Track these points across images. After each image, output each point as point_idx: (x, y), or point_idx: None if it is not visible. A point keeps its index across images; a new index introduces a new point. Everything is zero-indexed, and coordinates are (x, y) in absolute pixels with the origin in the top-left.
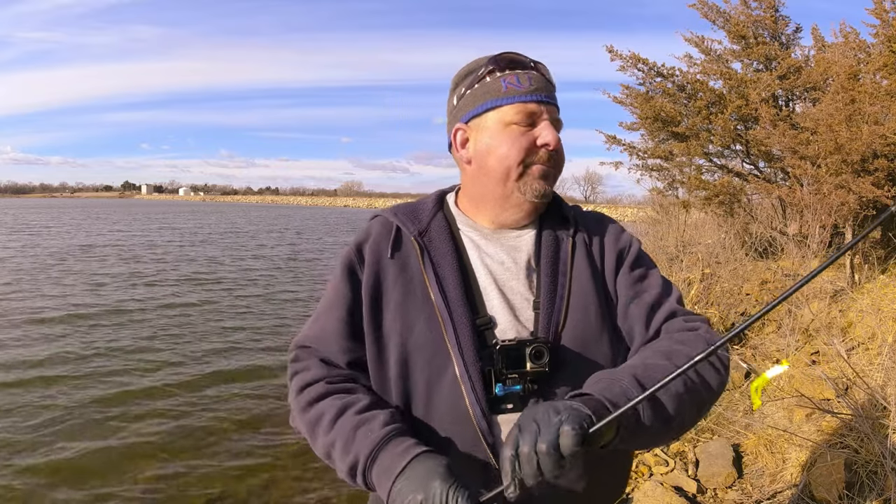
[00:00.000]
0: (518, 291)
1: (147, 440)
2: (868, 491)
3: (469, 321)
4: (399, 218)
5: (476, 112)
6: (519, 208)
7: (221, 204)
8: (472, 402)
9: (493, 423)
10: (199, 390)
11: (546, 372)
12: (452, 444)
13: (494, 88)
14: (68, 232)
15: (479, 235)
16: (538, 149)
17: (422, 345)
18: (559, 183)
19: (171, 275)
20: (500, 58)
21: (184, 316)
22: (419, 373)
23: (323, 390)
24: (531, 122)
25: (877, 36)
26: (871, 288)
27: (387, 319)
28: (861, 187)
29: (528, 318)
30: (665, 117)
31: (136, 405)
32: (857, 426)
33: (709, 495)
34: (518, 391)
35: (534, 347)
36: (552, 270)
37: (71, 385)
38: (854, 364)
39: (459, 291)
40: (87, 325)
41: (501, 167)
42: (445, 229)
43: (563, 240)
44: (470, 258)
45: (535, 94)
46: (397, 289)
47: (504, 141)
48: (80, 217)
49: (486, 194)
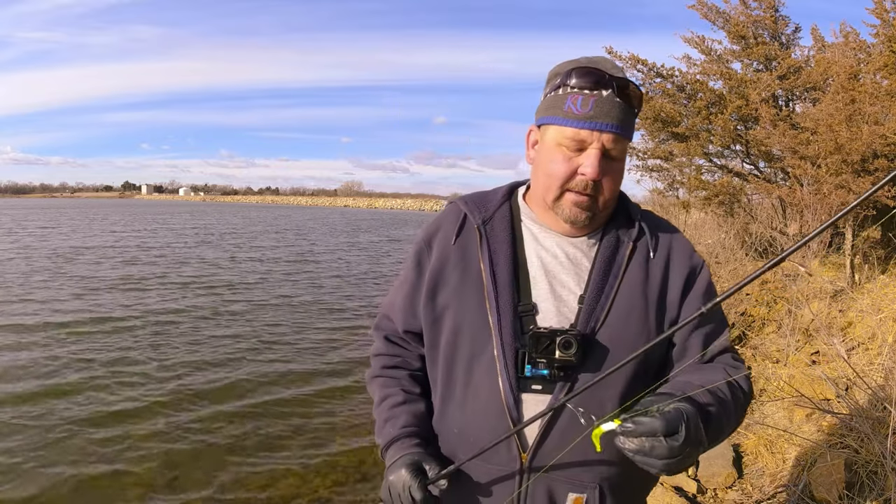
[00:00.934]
0: (566, 284)
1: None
2: (868, 491)
3: (511, 306)
4: (468, 206)
5: (543, 121)
6: (562, 225)
7: (221, 204)
8: (503, 378)
9: (519, 400)
10: (191, 409)
11: (573, 362)
12: (485, 412)
13: (559, 104)
14: (66, 234)
15: (539, 229)
16: (577, 176)
17: (470, 323)
18: None
19: (169, 279)
20: (577, 71)
21: (173, 323)
22: (465, 347)
23: (377, 371)
24: (580, 148)
25: (877, 36)
26: (872, 288)
27: (445, 298)
28: (861, 187)
29: (572, 310)
30: (665, 118)
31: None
32: (858, 426)
33: (709, 495)
34: (545, 375)
35: (564, 337)
36: (605, 269)
37: (63, 399)
38: (854, 364)
39: (508, 278)
40: (69, 333)
41: (545, 183)
42: (507, 219)
43: (624, 243)
44: (526, 248)
45: (591, 122)
46: (456, 272)
47: (552, 160)
48: (79, 218)
49: (539, 198)
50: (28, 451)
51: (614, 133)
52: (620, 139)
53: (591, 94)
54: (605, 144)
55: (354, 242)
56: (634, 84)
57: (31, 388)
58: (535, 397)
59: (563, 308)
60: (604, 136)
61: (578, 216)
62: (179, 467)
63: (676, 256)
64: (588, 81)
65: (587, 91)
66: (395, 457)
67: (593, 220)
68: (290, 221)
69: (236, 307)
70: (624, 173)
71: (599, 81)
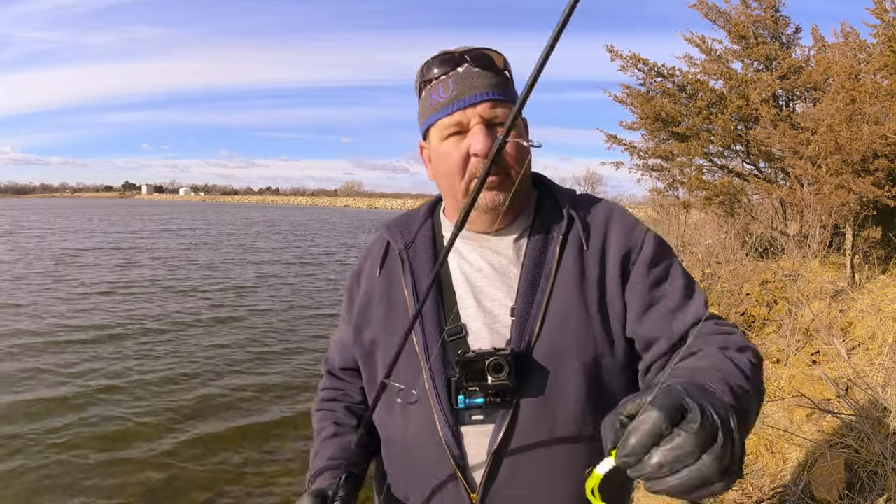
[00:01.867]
0: (495, 298)
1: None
2: (868, 491)
3: (437, 331)
4: (391, 232)
5: (423, 129)
6: (483, 219)
7: (221, 204)
8: (438, 412)
9: (459, 435)
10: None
11: (508, 386)
12: (425, 452)
13: (426, 104)
14: (61, 236)
15: (462, 242)
16: (472, 159)
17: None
18: (561, 181)
19: (163, 284)
20: (427, 64)
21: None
22: (398, 382)
23: (317, 405)
24: (463, 131)
25: (877, 36)
26: (872, 288)
27: (371, 333)
28: (861, 187)
29: (506, 326)
30: (665, 117)
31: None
32: (858, 426)
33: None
34: (480, 404)
35: (492, 360)
36: (533, 274)
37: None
38: (854, 364)
39: (432, 302)
40: (47, 343)
41: (448, 185)
42: (429, 239)
43: (553, 239)
44: (450, 265)
45: (459, 101)
46: (382, 305)
47: (444, 157)
48: (78, 218)
49: (453, 204)
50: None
51: (488, 100)
52: (498, 103)
53: (448, 77)
54: (483, 115)
55: (354, 244)
56: (489, 49)
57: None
58: (476, 429)
59: (496, 325)
60: (479, 108)
61: (495, 199)
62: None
63: (613, 240)
64: (441, 67)
65: (444, 76)
66: (310, 489)
67: (515, 203)
68: (291, 222)
69: (236, 313)
70: (524, 135)
71: (450, 61)
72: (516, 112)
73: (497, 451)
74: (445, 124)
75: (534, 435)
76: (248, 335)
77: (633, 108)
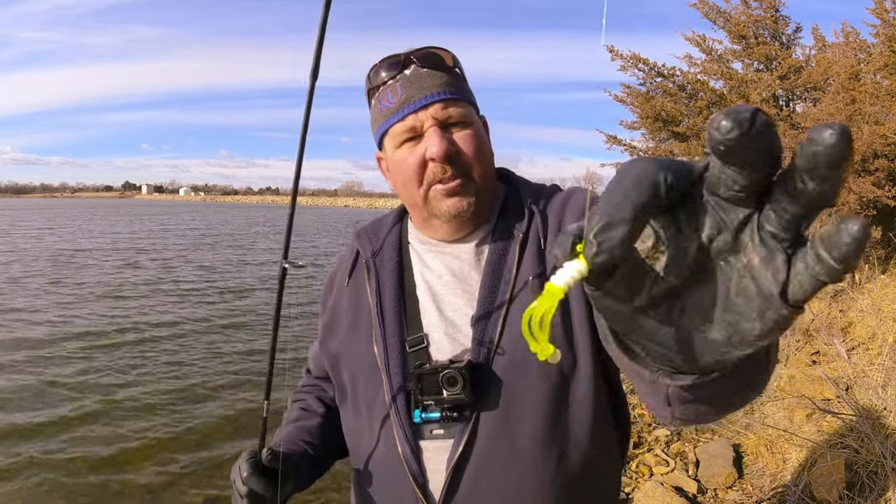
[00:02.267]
0: (456, 306)
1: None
2: (868, 491)
3: (399, 341)
4: (360, 239)
5: (377, 138)
6: (445, 229)
7: (222, 204)
8: (397, 426)
9: (418, 450)
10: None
11: (464, 399)
12: (385, 468)
13: (376, 112)
14: (59, 236)
15: (425, 249)
16: (429, 164)
17: (361, 366)
18: (561, 181)
19: (165, 287)
20: (373, 69)
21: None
22: (361, 393)
23: (293, 396)
24: (418, 136)
25: (877, 36)
26: (872, 288)
27: (337, 345)
28: (861, 187)
29: (467, 336)
30: (666, 117)
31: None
32: (858, 426)
33: (709, 495)
34: (437, 419)
35: (446, 373)
36: (493, 280)
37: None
38: (854, 364)
39: (394, 311)
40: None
41: (407, 195)
42: (396, 246)
43: (514, 239)
44: (414, 273)
45: (409, 104)
46: (348, 315)
47: (400, 166)
48: (79, 219)
49: (416, 213)
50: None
51: (440, 100)
52: (451, 102)
53: (395, 80)
54: (436, 117)
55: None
56: (437, 47)
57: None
58: (436, 444)
59: (458, 335)
60: (430, 110)
61: (459, 206)
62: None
63: (570, 223)
64: (388, 71)
65: (391, 80)
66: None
67: (479, 206)
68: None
69: (235, 320)
70: (482, 133)
71: (397, 64)
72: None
73: (456, 467)
74: (398, 131)
75: (494, 449)
76: (250, 337)
77: (633, 107)
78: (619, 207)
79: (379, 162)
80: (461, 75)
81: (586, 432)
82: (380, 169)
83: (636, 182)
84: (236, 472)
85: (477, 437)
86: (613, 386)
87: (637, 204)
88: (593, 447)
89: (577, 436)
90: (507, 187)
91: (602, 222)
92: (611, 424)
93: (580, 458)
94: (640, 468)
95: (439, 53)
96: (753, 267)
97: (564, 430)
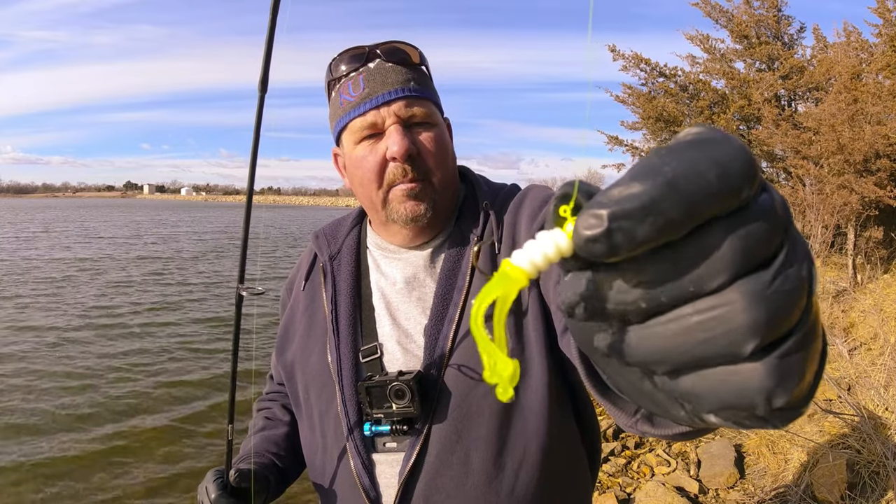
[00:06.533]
0: (410, 315)
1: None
2: (870, 491)
3: (352, 351)
4: (318, 242)
5: (336, 132)
6: (403, 234)
7: (223, 204)
8: (350, 439)
9: (370, 463)
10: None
11: (413, 413)
12: (338, 482)
13: (336, 105)
14: (58, 237)
15: (382, 255)
16: (389, 164)
17: (315, 376)
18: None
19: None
20: (335, 60)
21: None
22: (315, 405)
23: (257, 404)
24: (378, 133)
25: (879, 36)
26: (874, 288)
27: (292, 352)
28: (864, 187)
29: (420, 346)
30: (667, 117)
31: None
32: (860, 427)
33: (711, 495)
34: (387, 432)
35: (395, 385)
36: (445, 288)
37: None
38: (856, 364)
39: (349, 320)
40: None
41: (365, 196)
42: (353, 250)
43: (469, 243)
44: (371, 280)
45: (371, 100)
46: (304, 321)
47: (358, 164)
48: (81, 219)
49: (374, 215)
50: None
51: (404, 97)
52: (415, 100)
53: (358, 73)
54: (398, 114)
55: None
56: (403, 42)
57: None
58: (389, 457)
59: (411, 345)
60: (393, 107)
61: (417, 210)
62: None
63: (523, 227)
64: (350, 63)
65: (353, 73)
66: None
67: (438, 212)
68: (296, 225)
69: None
70: (446, 136)
71: (360, 56)
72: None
73: (407, 482)
74: (358, 126)
75: (446, 463)
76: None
77: (634, 107)
78: (680, 190)
79: (335, 158)
80: (427, 74)
81: (542, 443)
82: (335, 166)
83: (724, 165)
84: (203, 494)
85: (428, 451)
86: (575, 391)
87: (710, 195)
88: (552, 459)
89: (532, 448)
90: (466, 188)
91: (640, 201)
92: (574, 435)
93: (537, 471)
94: (642, 468)
95: (405, 49)
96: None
97: (518, 443)
